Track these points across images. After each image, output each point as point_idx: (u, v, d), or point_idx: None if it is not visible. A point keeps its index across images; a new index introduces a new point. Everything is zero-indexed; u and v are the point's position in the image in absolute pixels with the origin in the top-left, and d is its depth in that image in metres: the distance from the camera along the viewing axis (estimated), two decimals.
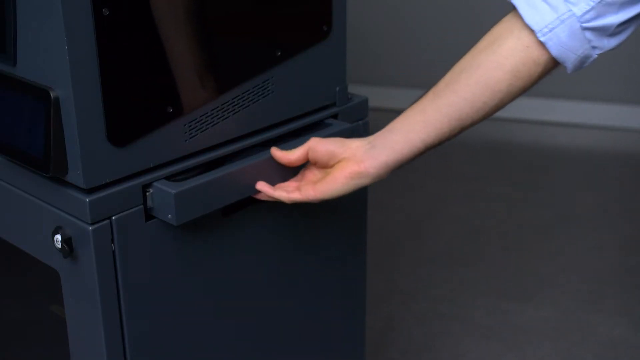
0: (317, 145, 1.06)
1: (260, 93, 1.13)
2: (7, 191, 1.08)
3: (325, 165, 1.06)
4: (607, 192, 2.81)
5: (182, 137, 1.05)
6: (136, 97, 0.99)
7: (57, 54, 0.91)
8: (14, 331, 1.33)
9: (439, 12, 3.21)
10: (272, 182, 1.09)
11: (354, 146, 1.04)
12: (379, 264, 2.29)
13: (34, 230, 1.06)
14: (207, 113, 1.07)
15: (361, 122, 1.26)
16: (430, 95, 1.02)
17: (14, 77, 0.98)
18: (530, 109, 3.16)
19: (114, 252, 1.00)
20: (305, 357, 1.32)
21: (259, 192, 1.08)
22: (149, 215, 1.02)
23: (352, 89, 1.28)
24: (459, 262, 2.39)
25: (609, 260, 2.39)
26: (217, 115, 1.08)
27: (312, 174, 1.09)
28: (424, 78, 3.27)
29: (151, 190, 1.01)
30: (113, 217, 0.99)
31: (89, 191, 0.97)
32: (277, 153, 1.09)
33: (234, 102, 1.10)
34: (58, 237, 1.00)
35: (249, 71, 1.11)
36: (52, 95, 0.93)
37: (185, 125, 1.05)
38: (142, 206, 1.02)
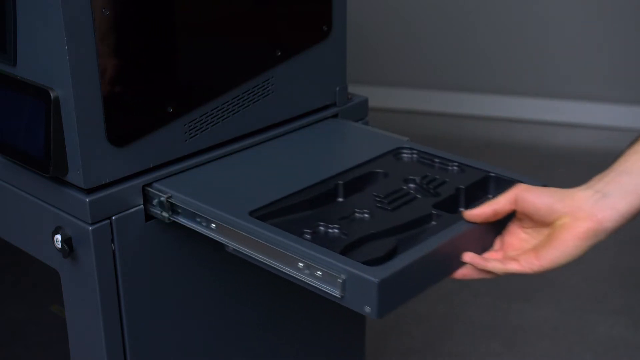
0: (529, 196, 0.87)
1: (260, 93, 1.13)
2: (7, 191, 1.08)
3: (539, 221, 0.88)
4: None
5: (182, 137, 1.05)
6: (136, 97, 0.99)
7: (57, 54, 0.91)
8: (14, 331, 1.33)
9: (439, 12, 3.21)
10: (476, 252, 0.93)
11: (578, 197, 0.85)
12: None
13: (34, 230, 1.05)
14: (207, 113, 1.07)
15: (361, 122, 1.26)
16: None
17: (14, 77, 0.98)
18: (530, 109, 3.16)
19: (114, 252, 0.99)
20: (306, 357, 1.32)
21: (459, 268, 0.92)
22: (149, 215, 1.02)
23: (352, 89, 1.28)
24: None
25: (609, 260, 2.39)
26: (217, 115, 1.08)
27: (516, 240, 0.92)
28: (424, 78, 3.28)
29: (343, 277, 0.83)
30: (113, 217, 0.99)
31: (89, 191, 0.97)
32: (475, 211, 0.91)
33: (234, 102, 1.10)
34: (58, 237, 1.00)
35: (249, 71, 1.11)
36: (52, 95, 0.93)
37: (185, 125, 1.05)
38: (142, 206, 1.02)
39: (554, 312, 2.16)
